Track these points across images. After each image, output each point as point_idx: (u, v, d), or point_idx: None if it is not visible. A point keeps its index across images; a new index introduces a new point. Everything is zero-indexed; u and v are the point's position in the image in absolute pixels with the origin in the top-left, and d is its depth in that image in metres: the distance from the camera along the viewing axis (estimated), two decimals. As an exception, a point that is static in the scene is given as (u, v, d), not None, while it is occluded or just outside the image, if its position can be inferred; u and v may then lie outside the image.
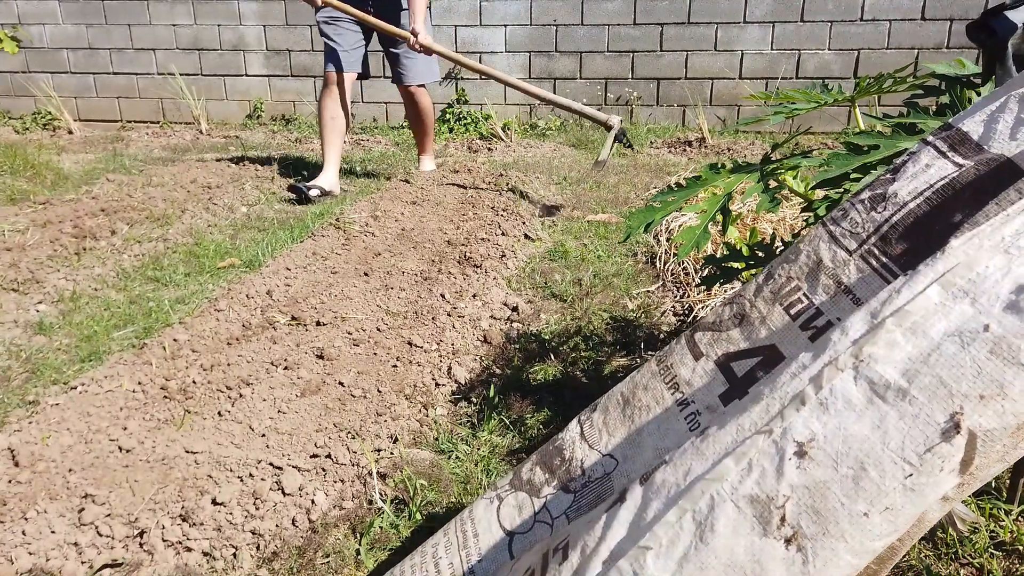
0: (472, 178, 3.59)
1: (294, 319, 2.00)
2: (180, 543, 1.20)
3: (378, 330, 1.95)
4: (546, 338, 1.95)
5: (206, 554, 1.19)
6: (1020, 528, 1.15)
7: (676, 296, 2.23)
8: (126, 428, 1.48)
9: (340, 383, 1.68)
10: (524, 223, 2.93)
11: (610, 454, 0.86)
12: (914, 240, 0.70)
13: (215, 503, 1.27)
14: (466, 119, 5.15)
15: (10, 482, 1.31)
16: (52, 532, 1.20)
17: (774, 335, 0.77)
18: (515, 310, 2.14)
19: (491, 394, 1.64)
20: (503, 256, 2.54)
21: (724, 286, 2.08)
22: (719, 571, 0.57)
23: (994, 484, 1.25)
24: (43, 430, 1.47)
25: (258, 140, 5.00)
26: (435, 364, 1.81)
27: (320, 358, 1.79)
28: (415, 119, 3.71)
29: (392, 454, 1.46)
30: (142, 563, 1.16)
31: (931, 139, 0.77)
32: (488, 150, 4.58)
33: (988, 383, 0.54)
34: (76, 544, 1.18)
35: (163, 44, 5.46)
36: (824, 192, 1.18)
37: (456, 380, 1.75)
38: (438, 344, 1.89)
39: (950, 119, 0.79)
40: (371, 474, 1.38)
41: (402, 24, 3.38)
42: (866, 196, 0.78)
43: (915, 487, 0.55)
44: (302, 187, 3.34)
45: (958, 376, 0.56)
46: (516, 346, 1.92)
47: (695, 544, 0.59)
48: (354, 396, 1.63)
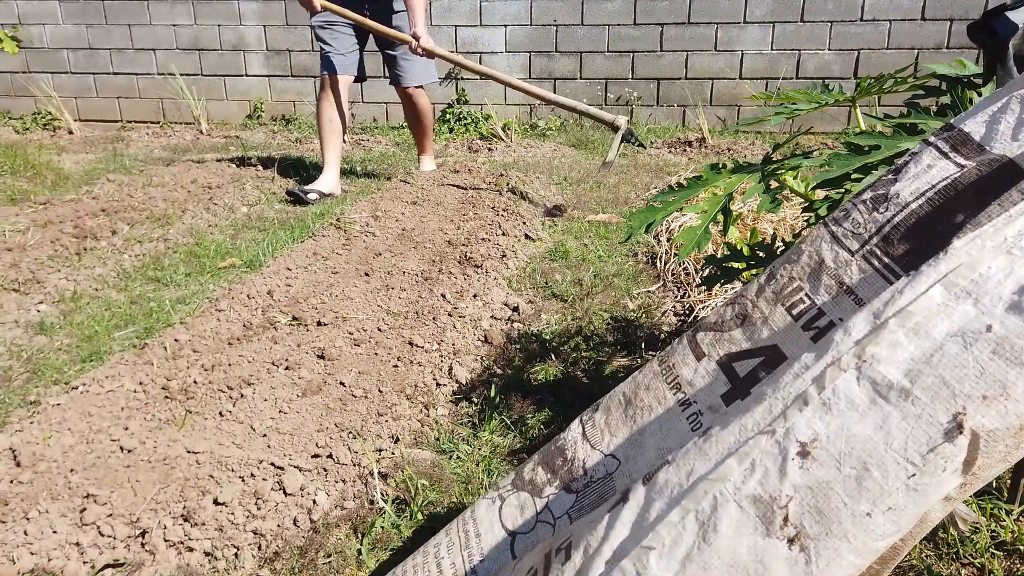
0: (472, 178, 3.59)
1: (295, 319, 2.00)
2: (182, 543, 1.20)
3: (379, 330, 1.96)
4: (547, 338, 1.95)
5: (208, 554, 1.19)
6: (1021, 528, 1.15)
7: (677, 296, 2.23)
8: (127, 428, 1.49)
9: (341, 383, 1.68)
10: (525, 223, 2.93)
11: (612, 454, 0.86)
12: (916, 241, 0.70)
13: (217, 503, 1.27)
14: (466, 119, 5.15)
15: (12, 482, 1.31)
16: (54, 532, 1.20)
17: (776, 335, 0.77)
18: (516, 310, 2.14)
19: (492, 394, 1.64)
20: (504, 256, 2.54)
21: (725, 286, 2.08)
22: (722, 571, 0.57)
23: (995, 484, 1.25)
24: (44, 430, 1.48)
25: (258, 140, 5.00)
26: (436, 364, 1.81)
27: (321, 358, 1.79)
28: (414, 120, 3.71)
29: (393, 454, 1.46)
30: (144, 563, 1.16)
31: (933, 140, 0.77)
32: (488, 150, 4.58)
33: (991, 383, 0.55)
34: (78, 544, 1.18)
35: (163, 44, 5.46)
36: (825, 192, 1.18)
37: (457, 380, 1.75)
38: (439, 344, 1.89)
39: (952, 120, 0.79)
40: (372, 474, 1.38)
41: (395, 25, 3.37)
42: (868, 196, 0.78)
43: (918, 487, 0.55)
44: (299, 192, 3.34)
45: (961, 376, 0.56)
46: (517, 346, 1.92)
47: (698, 544, 0.59)
48: (355, 396, 1.64)
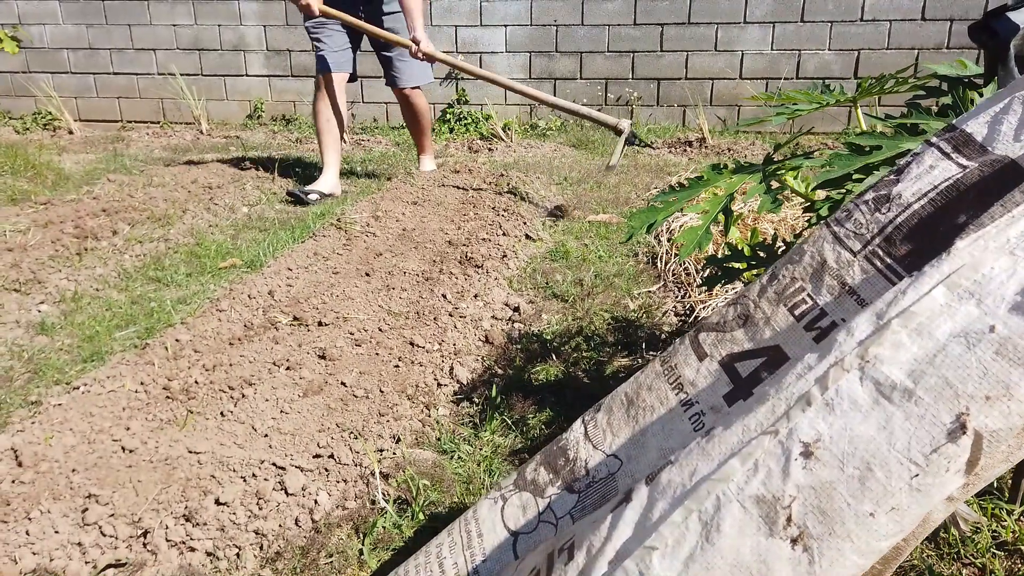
0: (473, 178, 3.59)
1: (296, 319, 2.01)
2: (184, 543, 1.20)
3: (380, 330, 1.96)
4: (548, 338, 1.95)
5: (210, 554, 1.20)
6: (1022, 528, 1.15)
7: (677, 296, 2.23)
8: (129, 428, 1.49)
9: (342, 383, 1.68)
10: (525, 223, 2.93)
11: (614, 454, 0.86)
12: (918, 241, 0.70)
13: (218, 503, 1.27)
14: (466, 119, 5.15)
15: (13, 482, 1.31)
16: (56, 532, 1.20)
17: (778, 336, 0.78)
18: (516, 310, 2.14)
19: (493, 394, 1.64)
20: (504, 256, 2.54)
21: (726, 287, 2.08)
22: (725, 571, 0.58)
23: (996, 484, 1.25)
24: (46, 430, 1.48)
25: (259, 140, 5.00)
26: (437, 364, 1.81)
27: (322, 358, 1.79)
28: (411, 121, 3.71)
29: (395, 454, 1.47)
30: (146, 563, 1.17)
31: (935, 140, 0.77)
32: (489, 150, 4.58)
33: (994, 384, 0.55)
34: (80, 544, 1.18)
35: (163, 44, 5.46)
36: (826, 193, 1.18)
37: (458, 380, 1.75)
38: (440, 344, 1.89)
39: (954, 120, 0.79)
40: (374, 474, 1.38)
41: (387, 27, 3.36)
42: (870, 197, 0.78)
43: (921, 487, 0.55)
44: (299, 193, 3.34)
45: (964, 377, 0.56)
46: (518, 346, 1.92)
47: (701, 544, 0.59)
48: (356, 396, 1.64)
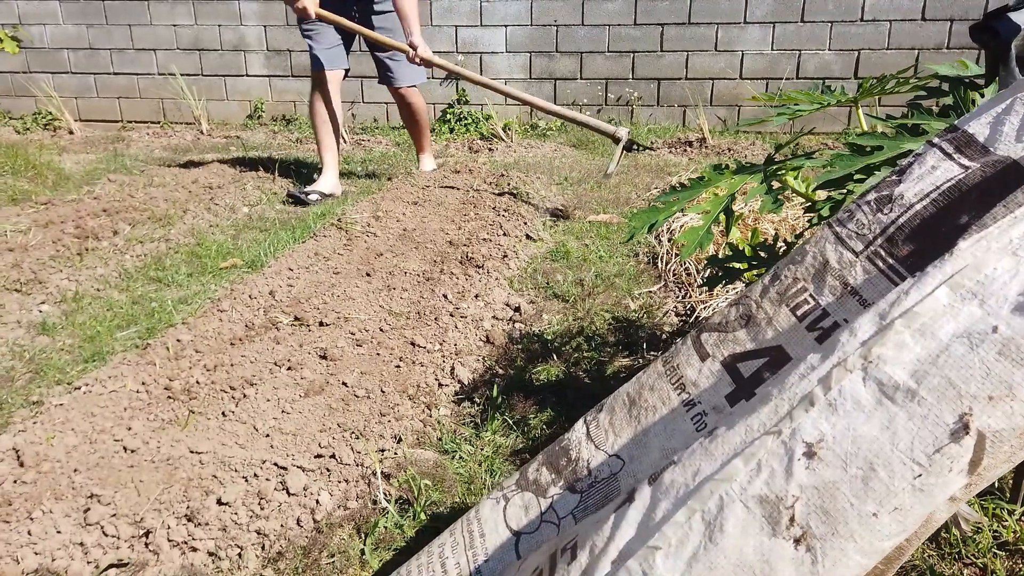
0: (473, 178, 3.59)
1: (297, 319, 2.01)
2: (185, 543, 1.20)
3: (381, 330, 1.96)
4: (548, 338, 1.96)
5: (211, 554, 1.20)
6: (1023, 528, 1.16)
7: (678, 296, 2.23)
8: (131, 428, 1.49)
9: (343, 383, 1.68)
10: (526, 223, 2.93)
11: (616, 454, 0.86)
12: (921, 242, 0.70)
13: (220, 503, 1.27)
14: (467, 119, 5.15)
15: (15, 482, 1.32)
16: (58, 532, 1.20)
17: (780, 336, 0.78)
18: (517, 310, 2.14)
19: (494, 394, 1.64)
20: (505, 256, 2.54)
21: (726, 287, 2.08)
22: (728, 571, 0.58)
23: (997, 484, 1.25)
24: (48, 430, 1.48)
25: (259, 140, 5.00)
26: (438, 364, 1.81)
27: (323, 358, 1.79)
28: (409, 120, 3.71)
29: (396, 454, 1.47)
30: (148, 563, 1.17)
31: (937, 141, 0.77)
32: (489, 150, 4.58)
33: (997, 384, 0.55)
34: (82, 544, 1.18)
35: (164, 44, 5.46)
36: (827, 193, 1.18)
37: (459, 380, 1.75)
38: (441, 344, 1.89)
39: (955, 121, 0.79)
40: (375, 474, 1.38)
41: (378, 27, 3.36)
42: (872, 198, 0.78)
43: (924, 487, 0.55)
44: (299, 194, 3.34)
45: (967, 377, 0.56)
46: (519, 346, 1.92)
47: (704, 544, 0.59)
48: (357, 396, 1.64)
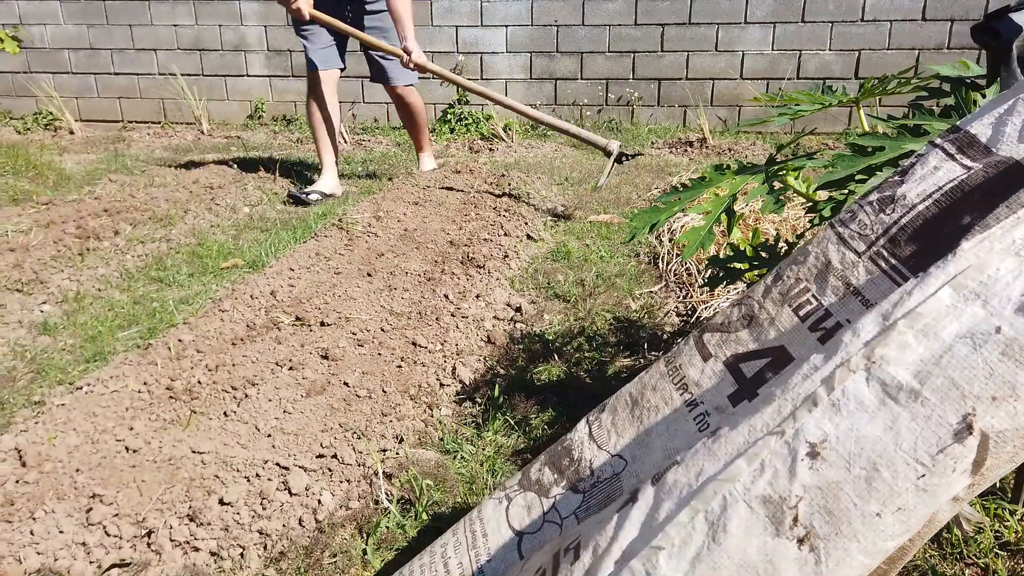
0: (474, 179, 3.59)
1: (298, 319, 2.01)
2: (188, 543, 1.20)
3: (382, 330, 1.96)
4: (550, 338, 1.96)
5: (214, 554, 1.20)
6: (1025, 528, 1.16)
7: (679, 297, 2.23)
8: (132, 428, 1.49)
9: (345, 383, 1.68)
10: (526, 223, 2.93)
11: (619, 454, 0.87)
12: (923, 242, 0.71)
13: (222, 503, 1.27)
14: (467, 119, 5.15)
15: (17, 482, 1.32)
16: (60, 532, 1.20)
17: (783, 336, 0.78)
18: (518, 310, 2.14)
19: (496, 394, 1.64)
20: (506, 256, 2.54)
21: (727, 287, 2.08)
22: (732, 571, 0.58)
23: (999, 485, 1.25)
24: (49, 430, 1.48)
25: (259, 140, 5.00)
26: (439, 364, 1.81)
27: (325, 358, 1.79)
28: (407, 119, 3.71)
29: (398, 454, 1.47)
30: (150, 563, 1.17)
31: (939, 141, 0.77)
32: (489, 150, 4.58)
33: (1000, 385, 0.55)
34: (84, 544, 1.18)
35: (164, 44, 5.46)
36: (829, 194, 1.18)
37: (460, 380, 1.75)
38: (442, 344, 1.89)
39: (958, 122, 0.79)
40: (377, 474, 1.39)
41: (370, 26, 3.36)
42: (874, 198, 0.79)
43: (927, 488, 0.55)
44: (300, 194, 3.35)
45: (970, 378, 0.56)
46: (520, 346, 1.93)
47: (708, 544, 0.60)
48: (359, 396, 1.64)
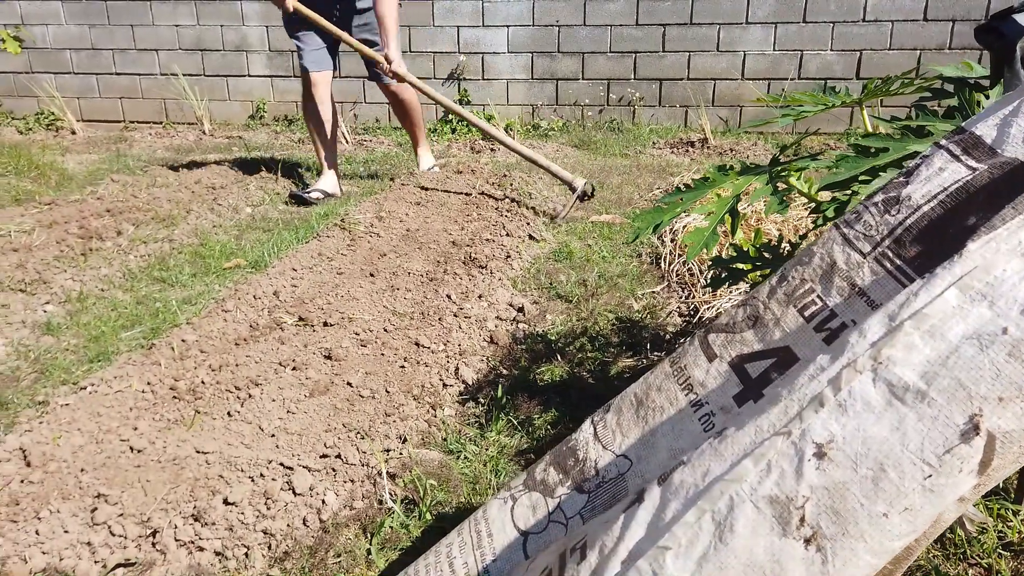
0: (475, 179, 3.60)
1: (301, 320, 2.01)
2: (192, 543, 1.20)
3: (385, 331, 1.96)
4: (552, 339, 1.96)
5: (218, 554, 1.20)
6: (1028, 528, 1.16)
7: (681, 297, 2.24)
8: (136, 428, 1.49)
9: (348, 383, 1.68)
10: (528, 224, 2.93)
11: (624, 455, 0.87)
12: (928, 243, 0.71)
13: (227, 503, 1.28)
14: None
15: (22, 482, 1.32)
16: (65, 532, 1.21)
17: (788, 337, 0.78)
18: (521, 311, 2.15)
19: (498, 395, 1.65)
20: (508, 257, 2.54)
21: (730, 288, 2.08)
22: (738, 571, 0.58)
23: (1002, 485, 1.25)
24: (54, 430, 1.48)
25: (261, 140, 5.00)
26: (442, 365, 1.81)
27: (328, 359, 1.79)
28: (402, 116, 3.72)
29: (401, 454, 1.47)
30: (155, 562, 1.17)
31: (944, 143, 0.77)
32: (491, 151, 4.58)
33: (1007, 385, 0.55)
34: (89, 544, 1.19)
35: (166, 44, 5.46)
36: (832, 194, 1.18)
37: (463, 381, 1.75)
38: (445, 345, 1.89)
39: (963, 123, 0.79)
40: (381, 474, 1.39)
41: (358, 24, 3.36)
42: (879, 199, 0.79)
43: (934, 488, 0.55)
44: (302, 195, 3.35)
45: (977, 378, 0.56)
46: (522, 347, 1.93)
47: (714, 544, 0.60)
48: (362, 396, 1.64)
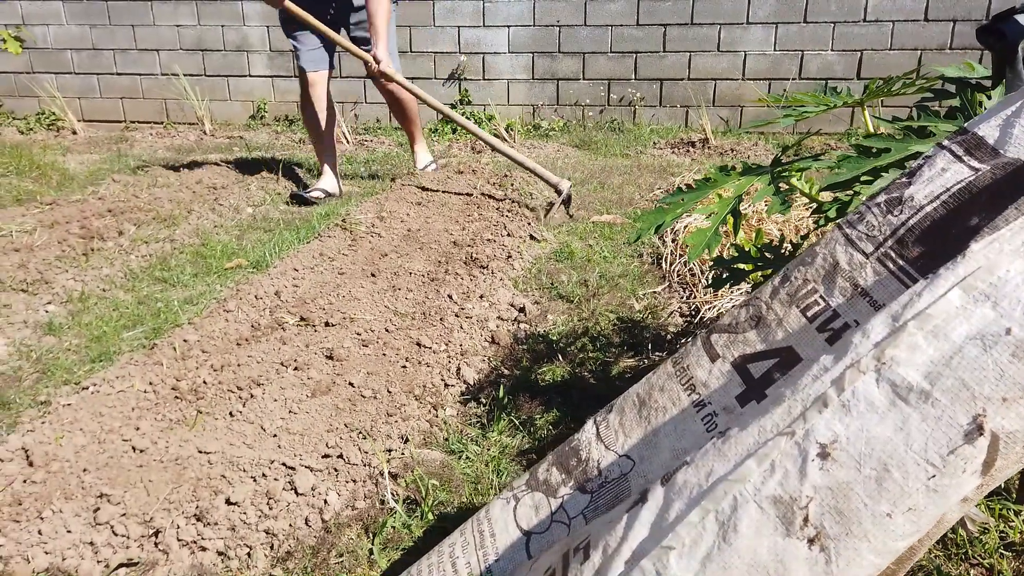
0: (476, 179, 3.60)
1: (303, 320, 2.01)
2: (195, 542, 1.20)
3: (387, 331, 1.96)
4: (553, 339, 1.96)
5: (221, 553, 1.20)
6: (1030, 528, 1.16)
7: (682, 297, 2.24)
8: (139, 428, 1.49)
9: (350, 383, 1.68)
10: (529, 224, 2.93)
11: (627, 455, 0.87)
12: (931, 243, 0.71)
13: (229, 503, 1.28)
14: (469, 119, 5.14)
15: (25, 482, 1.32)
16: (68, 531, 1.21)
17: (791, 337, 0.78)
18: (522, 311, 2.15)
19: (500, 395, 1.65)
20: (509, 257, 2.54)
21: (731, 288, 2.08)
22: (742, 571, 0.58)
23: (1004, 485, 1.26)
24: (56, 430, 1.48)
25: (262, 141, 5.00)
26: (444, 365, 1.81)
27: (330, 359, 1.79)
28: (397, 112, 3.72)
29: (403, 454, 1.47)
30: (157, 562, 1.17)
31: (947, 143, 0.77)
32: (492, 151, 4.58)
33: (1010, 386, 0.55)
34: (92, 543, 1.19)
35: (167, 45, 5.47)
36: (833, 195, 1.18)
37: (465, 381, 1.75)
38: (446, 345, 1.89)
39: (965, 123, 0.79)
40: (383, 474, 1.39)
41: (354, 22, 3.37)
42: (882, 199, 0.79)
43: (938, 488, 0.55)
44: (303, 195, 3.36)
45: (980, 379, 0.56)
46: (524, 347, 1.93)
47: (718, 544, 0.60)
48: (364, 396, 1.64)
